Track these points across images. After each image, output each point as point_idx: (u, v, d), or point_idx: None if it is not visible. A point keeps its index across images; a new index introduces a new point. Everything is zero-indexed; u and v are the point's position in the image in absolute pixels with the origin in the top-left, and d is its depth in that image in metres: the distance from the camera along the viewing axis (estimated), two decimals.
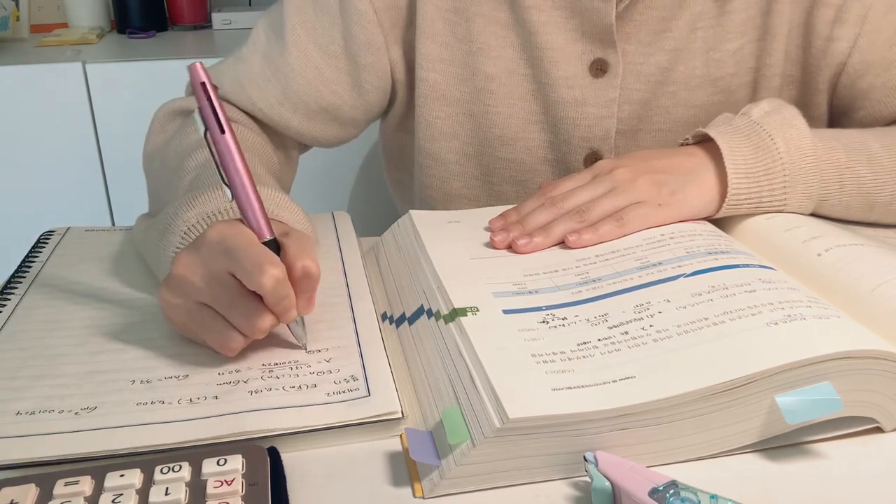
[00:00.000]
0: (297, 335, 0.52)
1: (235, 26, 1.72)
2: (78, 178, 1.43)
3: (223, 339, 0.50)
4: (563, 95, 0.75)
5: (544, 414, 0.40)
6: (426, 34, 0.75)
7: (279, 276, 0.48)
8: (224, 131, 0.49)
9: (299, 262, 0.49)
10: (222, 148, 0.50)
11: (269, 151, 0.76)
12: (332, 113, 0.78)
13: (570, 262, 0.58)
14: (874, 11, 0.71)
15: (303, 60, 0.75)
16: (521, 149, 0.79)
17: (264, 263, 0.47)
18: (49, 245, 0.68)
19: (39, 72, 1.37)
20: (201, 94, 0.48)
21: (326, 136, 0.80)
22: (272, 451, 0.43)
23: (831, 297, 0.51)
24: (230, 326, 0.50)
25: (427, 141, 0.81)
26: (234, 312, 0.49)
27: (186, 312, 0.51)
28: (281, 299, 0.49)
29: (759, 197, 0.63)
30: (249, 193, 0.50)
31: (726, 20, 0.74)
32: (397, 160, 0.90)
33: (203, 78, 0.48)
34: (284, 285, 0.49)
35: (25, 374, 0.50)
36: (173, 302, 0.51)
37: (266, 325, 0.49)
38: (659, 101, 0.76)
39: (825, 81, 0.75)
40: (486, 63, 0.75)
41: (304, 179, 0.85)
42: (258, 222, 0.50)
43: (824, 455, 0.44)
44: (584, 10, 0.71)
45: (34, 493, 0.39)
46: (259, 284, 0.47)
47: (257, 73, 0.75)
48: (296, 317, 0.51)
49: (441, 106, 0.78)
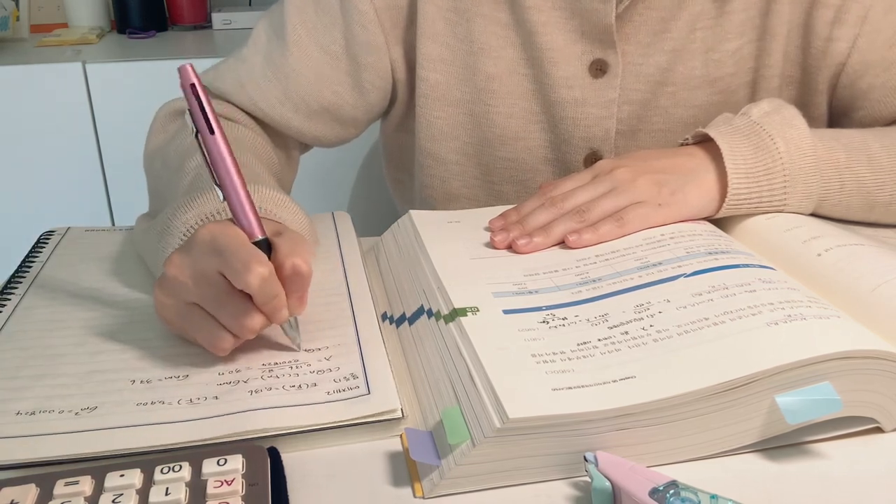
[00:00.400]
0: (290, 335, 0.52)
1: (235, 26, 1.71)
2: (78, 178, 1.43)
3: (213, 339, 0.50)
4: (563, 96, 0.75)
5: (544, 414, 0.40)
6: (427, 34, 0.75)
7: (266, 275, 0.48)
8: (214, 132, 0.49)
9: (289, 261, 0.49)
10: (212, 148, 0.50)
11: (270, 151, 0.76)
12: (333, 113, 0.78)
13: (570, 262, 0.58)
14: (874, 12, 0.71)
15: (304, 60, 0.75)
16: (522, 148, 0.79)
17: (252, 262, 0.47)
18: (49, 245, 0.68)
19: (39, 72, 1.37)
20: (191, 96, 0.49)
21: (327, 136, 0.80)
22: (272, 451, 0.43)
23: (831, 297, 0.51)
24: (220, 326, 0.50)
25: (427, 141, 0.81)
26: (224, 312, 0.49)
27: (178, 312, 0.51)
28: (270, 298, 0.49)
29: (759, 197, 0.63)
30: (240, 193, 0.50)
31: (725, 21, 0.74)
32: (398, 160, 0.90)
33: (193, 79, 0.49)
34: (272, 284, 0.48)
35: (25, 373, 0.50)
36: (166, 302, 0.51)
37: (255, 325, 0.49)
38: (658, 102, 0.76)
39: (825, 82, 0.75)
40: (487, 63, 0.75)
41: (305, 179, 0.85)
42: (249, 222, 0.50)
43: (824, 455, 0.44)
44: (584, 11, 0.71)
45: (34, 493, 0.39)
46: (246, 283, 0.47)
47: (258, 74, 0.76)
48: (287, 317, 0.51)
49: (442, 106, 0.78)
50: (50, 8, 1.77)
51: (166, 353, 0.52)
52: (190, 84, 0.49)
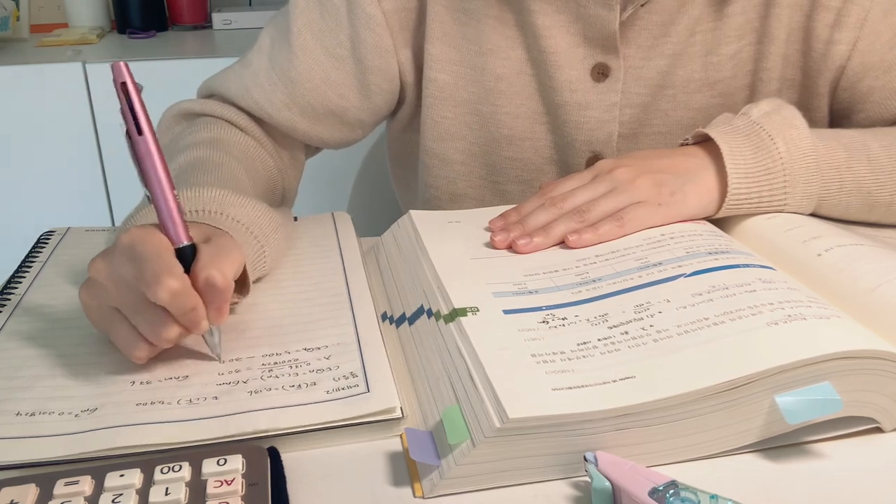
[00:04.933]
0: (211, 345, 0.51)
1: (235, 26, 1.71)
2: (78, 178, 1.43)
3: (129, 346, 0.49)
4: (566, 99, 0.75)
5: (544, 414, 0.40)
6: (436, 35, 0.75)
7: (177, 289, 0.46)
8: (142, 132, 0.48)
9: (203, 273, 0.48)
10: (141, 149, 0.48)
11: (263, 156, 0.75)
12: (339, 116, 0.78)
13: (570, 262, 0.58)
14: (874, 14, 0.71)
15: (310, 64, 0.75)
16: (528, 148, 0.79)
17: (163, 275, 0.46)
18: (49, 245, 0.68)
19: (39, 72, 1.37)
20: (121, 94, 0.48)
21: (334, 138, 0.80)
22: (272, 451, 0.43)
23: (831, 297, 0.51)
24: (136, 333, 0.49)
25: (433, 141, 0.81)
26: (140, 319, 0.48)
27: (100, 315, 0.50)
28: (185, 311, 0.47)
29: (759, 197, 0.63)
30: (167, 196, 0.49)
31: (724, 24, 0.74)
32: (404, 160, 0.90)
33: (125, 77, 0.47)
34: (187, 297, 0.47)
35: (25, 374, 0.50)
36: (90, 303, 0.50)
37: (171, 336, 0.48)
38: (658, 105, 0.76)
39: (825, 85, 0.75)
40: (495, 64, 0.76)
41: (305, 179, 0.85)
42: (174, 227, 0.49)
43: (824, 455, 0.44)
44: (588, 17, 0.71)
45: (34, 493, 0.39)
46: (156, 297, 0.46)
47: (263, 78, 0.76)
48: (207, 328, 0.49)
49: (449, 106, 0.78)
50: (50, 8, 1.77)
51: (166, 353, 0.52)
52: (121, 82, 0.47)
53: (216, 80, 0.79)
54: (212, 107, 0.76)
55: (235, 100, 0.76)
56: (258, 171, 0.73)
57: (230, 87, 0.77)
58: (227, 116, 0.75)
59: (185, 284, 0.47)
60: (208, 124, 0.73)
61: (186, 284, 0.47)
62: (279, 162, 0.78)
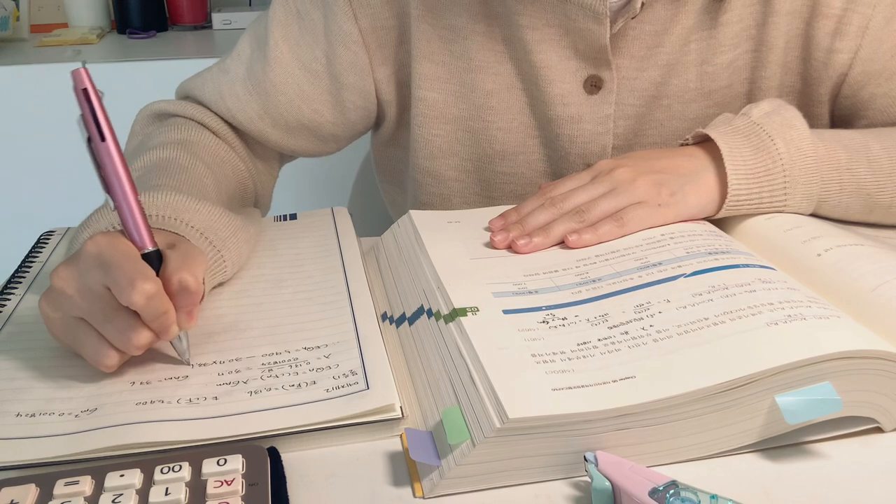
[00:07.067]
0: (179, 351, 0.51)
1: (235, 26, 1.72)
2: (78, 178, 1.43)
3: (97, 355, 0.48)
4: (559, 113, 0.74)
5: (544, 414, 0.40)
6: (422, 53, 0.75)
7: (151, 292, 0.46)
8: (105, 139, 0.48)
9: (176, 276, 0.48)
10: (103, 156, 0.48)
11: (234, 160, 0.75)
12: (313, 130, 0.78)
13: (570, 262, 0.58)
14: (875, 22, 0.70)
15: (284, 77, 0.75)
16: (522, 163, 0.79)
17: (137, 279, 0.46)
18: (49, 245, 0.68)
19: (39, 72, 1.37)
20: (82, 101, 0.47)
21: (307, 150, 0.80)
22: (272, 451, 0.43)
23: (831, 297, 0.51)
24: (105, 342, 0.48)
25: (425, 159, 0.80)
26: (109, 327, 0.48)
27: (64, 326, 0.49)
28: (157, 316, 0.47)
29: (760, 198, 0.63)
30: (131, 202, 0.49)
31: (719, 33, 0.73)
32: (389, 173, 0.90)
33: (86, 84, 0.47)
34: (159, 301, 0.47)
35: (25, 374, 0.50)
36: (52, 315, 0.49)
37: (142, 342, 0.48)
38: (653, 115, 0.76)
39: (826, 93, 0.75)
40: (485, 80, 0.75)
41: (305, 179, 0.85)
42: (139, 233, 0.49)
43: (824, 455, 0.44)
44: (578, 30, 0.70)
45: (34, 493, 0.39)
46: (130, 300, 0.46)
47: (239, 87, 0.75)
48: (177, 333, 0.49)
49: (440, 124, 0.78)
50: (50, 8, 1.77)
51: (166, 353, 0.52)
52: (82, 89, 0.47)
53: (193, 82, 0.78)
54: (186, 108, 0.76)
55: (209, 104, 0.76)
56: (227, 175, 0.72)
57: (205, 91, 0.76)
58: (199, 118, 0.75)
59: (159, 287, 0.47)
60: (179, 125, 0.73)
61: (160, 287, 0.47)
62: (251, 166, 0.78)
